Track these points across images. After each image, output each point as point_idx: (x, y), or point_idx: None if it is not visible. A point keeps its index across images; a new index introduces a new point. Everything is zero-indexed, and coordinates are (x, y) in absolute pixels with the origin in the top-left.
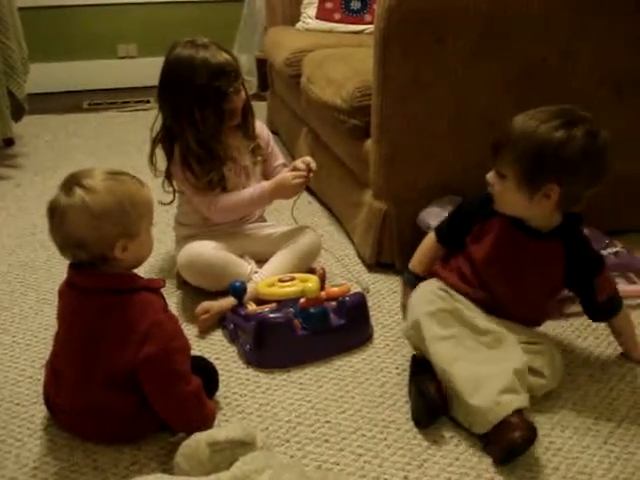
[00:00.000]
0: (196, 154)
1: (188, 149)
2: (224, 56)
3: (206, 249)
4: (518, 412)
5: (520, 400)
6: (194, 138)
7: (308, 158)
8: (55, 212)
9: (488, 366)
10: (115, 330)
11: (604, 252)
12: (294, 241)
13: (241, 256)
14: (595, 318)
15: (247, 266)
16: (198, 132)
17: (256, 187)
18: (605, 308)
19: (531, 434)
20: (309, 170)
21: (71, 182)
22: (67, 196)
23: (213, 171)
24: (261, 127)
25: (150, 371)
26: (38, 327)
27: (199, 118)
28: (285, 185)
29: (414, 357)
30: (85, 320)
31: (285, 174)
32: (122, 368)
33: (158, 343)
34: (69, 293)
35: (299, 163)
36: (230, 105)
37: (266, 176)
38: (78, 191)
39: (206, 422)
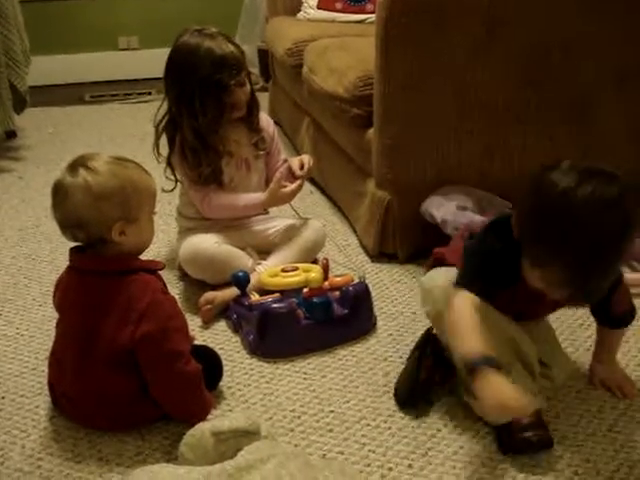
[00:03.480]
0: (192, 145)
1: (185, 139)
2: (229, 48)
3: (208, 243)
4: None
5: (537, 402)
6: (191, 128)
7: (305, 158)
8: (59, 191)
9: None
10: (114, 310)
11: None
12: (298, 235)
13: (243, 248)
14: (601, 323)
15: (249, 259)
16: (196, 122)
17: (252, 197)
18: (616, 321)
19: (547, 440)
20: (303, 171)
21: (77, 163)
22: (71, 176)
23: (205, 164)
24: (267, 121)
25: (147, 350)
26: (42, 319)
27: (199, 108)
28: (280, 196)
29: (429, 332)
30: (85, 302)
31: (278, 185)
32: (121, 348)
33: (156, 322)
34: (69, 278)
35: (296, 164)
36: (231, 98)
37: (268, 170)
38: (82, 172)
39: (202, 410)
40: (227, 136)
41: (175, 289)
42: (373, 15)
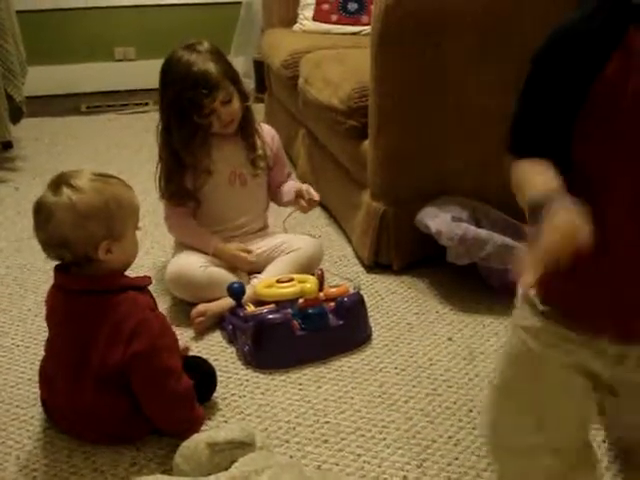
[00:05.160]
0: (165, 160)
1: (161, 153)
2: (208, 66)
3: (192, 267)
4: None
5: None
6: (166, 143)
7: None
8: (41, 210)
9: None
10: (103, 331)
11: None
12: (295, 250)
13: (234, 270)
14: None
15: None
16: (170, 137)
17: (211, 239)
18: None
19: None
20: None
21: (59, 181)
22: (54, 195)
23: (175, 181)
24: (271, 135)
25: (138, 369)
26: (37, 329)
27: (173, 123)
28: (236, 258)
29: None
30: (73, 322)
31: (241, 249)
32: (112, 368)
33: (145, 340)
34: (56, 296)
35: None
36: (211, 116)
37: (271, 185)
38: (66, 190)
39: (193, 425)
40: (214, 151)
41: (169, 301)
42: (368, 27)
